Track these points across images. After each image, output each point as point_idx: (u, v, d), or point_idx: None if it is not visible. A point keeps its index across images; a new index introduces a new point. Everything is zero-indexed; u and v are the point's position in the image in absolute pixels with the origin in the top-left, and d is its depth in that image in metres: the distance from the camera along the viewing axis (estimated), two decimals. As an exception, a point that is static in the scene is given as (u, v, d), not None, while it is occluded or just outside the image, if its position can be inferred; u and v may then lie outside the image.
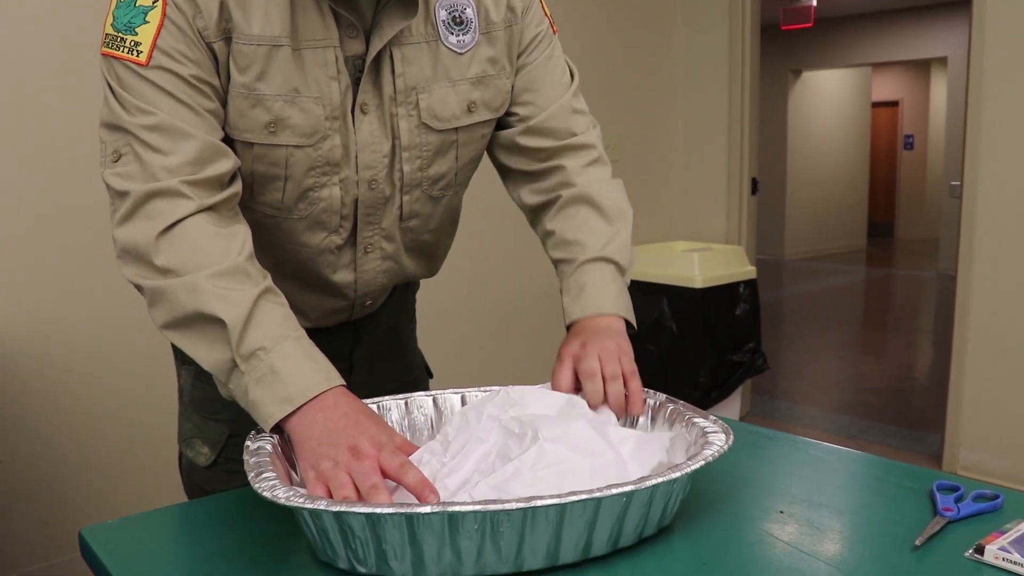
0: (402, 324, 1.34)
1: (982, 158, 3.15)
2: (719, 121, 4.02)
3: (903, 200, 11.76)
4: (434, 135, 1.06)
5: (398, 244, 1.12)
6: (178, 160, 0.91)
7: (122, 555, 0.85)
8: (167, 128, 0.91)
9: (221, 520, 0.93)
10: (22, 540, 2.41)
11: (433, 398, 1.05)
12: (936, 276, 8.44)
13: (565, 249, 1.12)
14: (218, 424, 1.15)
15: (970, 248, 3.23)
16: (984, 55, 3.11)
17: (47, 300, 2.39)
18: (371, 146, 1.02)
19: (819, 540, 0.84)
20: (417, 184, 1.08)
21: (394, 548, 0.73)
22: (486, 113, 1.09)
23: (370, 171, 1.03)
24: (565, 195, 1.14)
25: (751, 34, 3.93)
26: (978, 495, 0.92)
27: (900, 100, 11.63)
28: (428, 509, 0.71)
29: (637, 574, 0.78)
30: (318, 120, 0.98)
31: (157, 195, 0.90)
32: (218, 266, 0.89)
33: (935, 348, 5.73)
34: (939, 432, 3.49)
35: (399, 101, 1.02)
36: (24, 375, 2.37)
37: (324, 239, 1.06)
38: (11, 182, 2.31)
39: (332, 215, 1.04)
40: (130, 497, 2.54)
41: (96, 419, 2.50)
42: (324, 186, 1.02)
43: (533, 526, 0.74)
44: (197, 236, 0.90)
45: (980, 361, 3.24)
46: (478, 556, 0.74)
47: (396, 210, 1.08)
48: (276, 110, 0.96)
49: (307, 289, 1.11)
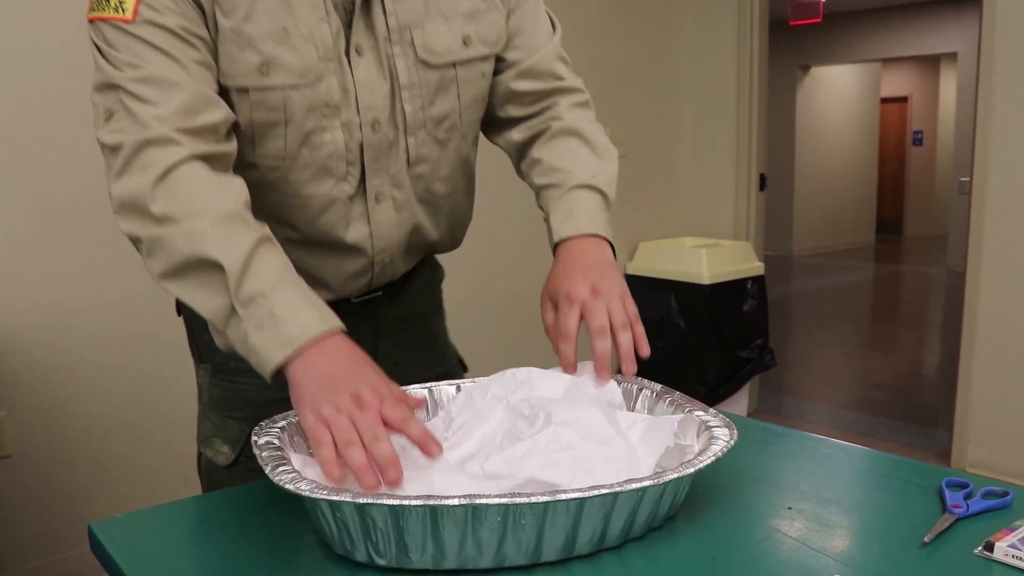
0: (429, 313, 1.31)
1: (992, 154, 3.14)
2: (727, 117, 4.01)
3: (912, 196, 11.71)
4: (432, 72, 1.05)
5: (409, 192, 1.10)
6: (168, 109, 0.91)
7: (131, 549, 0.85)
8: (156, 79, 0.91)
9: (231, 514, 0.94)
10: (32, 534, 2.43)
11: (430, 388, 1.05)
12: (945, 272, 8.41)
13: (552, 175, 1.13)
14: (237, 423, 1.13)
15: (979, 244, 3.21)
16: (995, 50, 3.09)
17: (58, 296, 2.40)
18: (369, 86, 1.02)
19: (828, 536, 0.84)
20: (421, 125, 1.07)
21: (416, 540, 0.74)
22: (483, 48, 1.09)
23: (371, 112, 1.03)
24: (554, 127, 1.15)
25: (759, 30, 3.91)
26: (988, 492, 0.91)
27: (909, 96, 11.58)
28: (455, 501, 0.71)
29: (648, 570, 0.78)
30: (311, 60, 0.97)
31: (150, 144, 0.90)
32: (216, 212, 0.89)
33: (943, 344, 5.71)
34: (947, 429, 3.48)
35: (393, 40, 1.02)
36: (34, 370, 2.38)
37: (332, 187, 1.04)
38: (26, 174, 2.32)
39: (338, 160, 1.03)
40: (139, 492, 2.55)
41: (106, 414, 2.51)
42: (326, 130, 1.01)
43: (553, 519, 0.74)
44: (193, 182, 0.90)
45: (989, 358, 3.23)
46: (498, 548, 0.75)
47: (403, 154, 1.07)
48: (267, 51, 0.95)
49: (323, 252, 1.09)
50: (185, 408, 2.61)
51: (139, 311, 2.49)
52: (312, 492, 0.73)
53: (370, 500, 0.72)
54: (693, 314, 3.63)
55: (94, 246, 2.43)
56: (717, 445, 0.84)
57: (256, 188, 1.00)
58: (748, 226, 4.04)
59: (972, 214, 3.23)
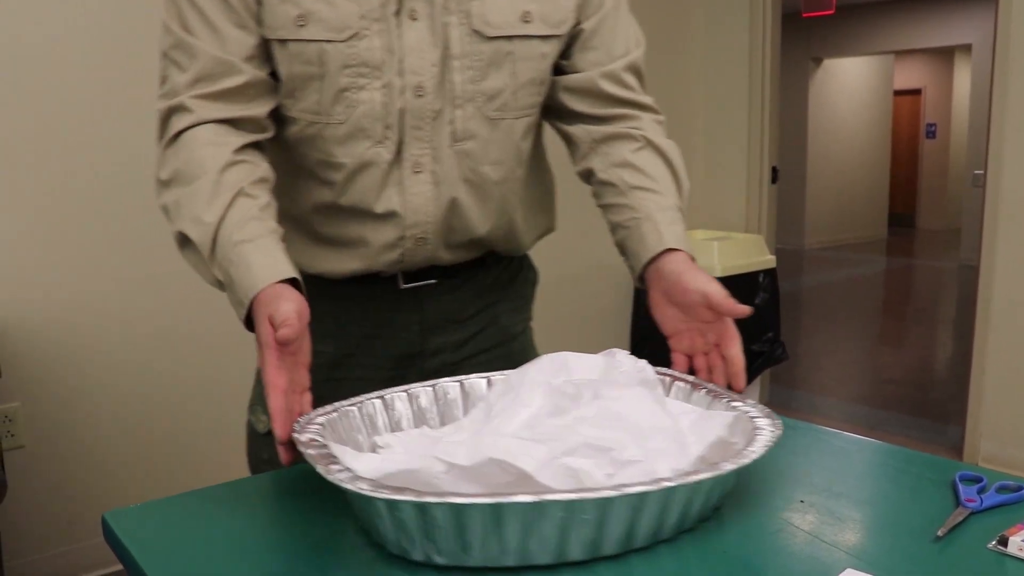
0: (508, 321, 1.25)
1: (1006, 147, 3.12)
2: (739, 109, 4.00)
3: (924, 189, 11.65)
4: (486, 44, 1.03)
5: (451, 169, 1.06)
6: (189, 76, 0.97)
7: (145, 539, 0.86)
8: (184, 45, 0.97)
9: (245, 504, 0.94)
10: (46, 523, 2.44)
11: (460, 383, 1.02)
12: (957, 267, 8.37)
13: (647, 182, 1.10)
14: None
15: (993, 238, 3.19)
16: (1010, 42, 3.07)
17: (71, 289, 2.41)
18: (417, 51, 1.00)
19: (840, 530, 0.84)
20: (470, 98, 1.04)
21: (476, 537, 0.72)
22: (543, 27, 1.06)
23: (417, 77, 1.01)
24: (645, 140, 1.13)
25: (772, 22, 3.90)
26: (1001, 486, 0.91)
27: (923, 88, 11.52)
28: (520, 499, 0.69)
29: (662, 562, 0.78)
30: (349, 16, 0.98)
31: (172, 111, 0.98)
32: (202, 177, 0.95)
33: (956, 339, 5.69)
34: (960, 423, 3.46)
35: (451, 9, 1.01)
36: (48, 362, 2.40)
37: (367, 149, 1.03)
38: (39, 168, 2.33)
39: (374, 122, 1.02)
40: (153, 482, 2.57)
41: (119, 405, 2.52)
42: (363, 88, 1.00)
43: (617, 512, 0.73)
44: (191, 146, 0.97)
45: (1002, 352, 3.21)
46: (559, 543, 0.73)
47: (447, 126, 1.04)
48: (305, 4, 0.97)
49: (353, 218, 1.08)
50: (197, 401, 2.63)
51: (152, 305, 2.50)
52: (375, 492, 0.71)
53: (433, 500, 0.70)
54: (704, 307, 3.62)
55: (107, 240, 2.44)
56: (763, 436, 0.83)
57: (296, 144, 1.05)
58: (760, 219, 4.03)
59: (986, 207, 3.21)
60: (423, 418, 0.98)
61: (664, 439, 0.82)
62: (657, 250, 1.05)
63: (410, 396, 1.00)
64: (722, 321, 1.01)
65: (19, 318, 2.34)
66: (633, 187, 1.10)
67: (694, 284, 1.00)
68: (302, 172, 1.06)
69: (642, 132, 1.14)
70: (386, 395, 0.96)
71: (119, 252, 2.45)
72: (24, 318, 2.35)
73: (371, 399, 0.95)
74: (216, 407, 2.64)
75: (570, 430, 0.79)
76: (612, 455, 0.78)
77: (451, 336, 1.19)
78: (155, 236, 2.49)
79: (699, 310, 1.01)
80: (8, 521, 2.31)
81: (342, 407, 0.91)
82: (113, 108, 2.42)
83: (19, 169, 2.31)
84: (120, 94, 2.43)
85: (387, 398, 0.96)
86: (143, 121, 2.48)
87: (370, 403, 0.94)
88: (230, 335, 2.62)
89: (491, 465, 0.75)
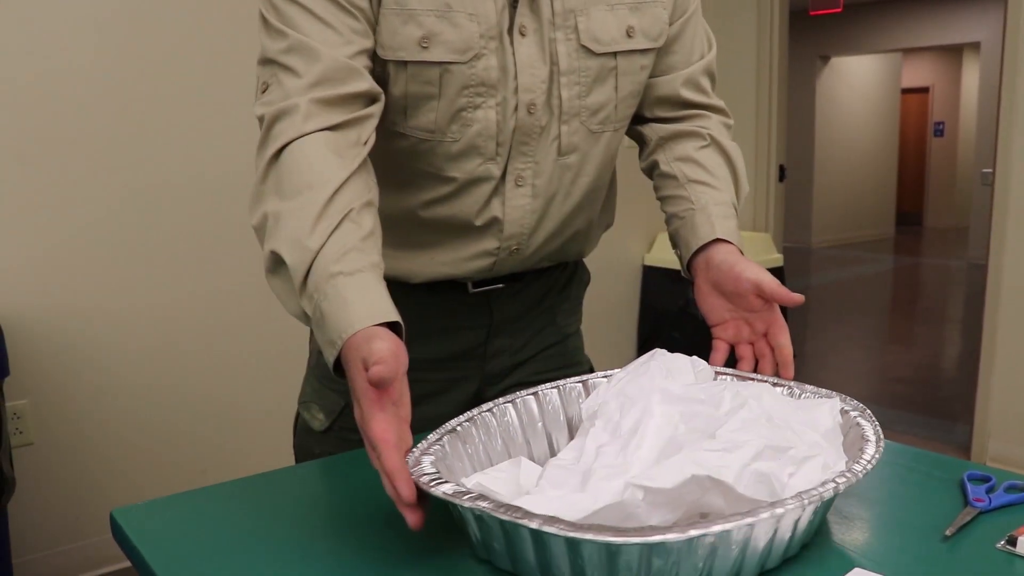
0: (559, 314, 1.26)
1: (1015, 145, 3.10)
2: (747, 107, 3.99)
3: (932, 188, 11.61)
4: (593, 59, 1.03)
5: (551, 181, 1.07)
6: (308, 80, 0.90)
7: (152, 536, 0.86)
8: (301, 48, 0.91)
9: (253, 502, 0.94)
10: (55, 520, 2.45)
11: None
12: (966, 265, 8.34)
13: (708, 177, 1.11)
14: (335, 394, 1.14)
15: (1001, 237, 3.18)
16: (1019, 40, 3.05)
17: (79, 288, 2.42)
18: (529, 69, 1.00)
19: (848, 529, 0.84)
20: (576, 113, 1.05)
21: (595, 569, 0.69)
22: (644, 41, 1.06)
23: (529, 95, 1.01)
24: (712, 139, 1.14)
25: (780, 19, 3.89)
26: (1010, 486, 0.90)
27: (931, 86, 11.47)
28: (664, 537, 0.65)
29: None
30: (472, 36, 0.96)
31: (282, 114, 0.90)
32: (310, 194, 0.86)
33: (964, 338, 5.67)
34: (968, 423, 3.45)
35: (557, 24, 1.00)
36: (57, 359, 2.41)
37: (478, 166, 1.03)
38: (44, 166, 2.33)
39: (487, 140, 1.01)
40: (161, 480, 2.57)
41: (128, 403, 2.53)
42: (478, 107, 1.00)
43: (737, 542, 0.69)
44: (304, 155, 0.88)
45: (1010, 351, 3.20)
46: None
47: (553, 141, 1.05)
48: (428, 25, 0.95)
49: (450, 230, 1.08)
50: (206, 398, 2.64)
51: (161, 302, 2.50)
52: (517, 519, 0.66)
53: (606, 537, 0.65)
54: (711, 306, 3.61)
55: (116, 238, 2.45)
56: (871, 437, 0.81)
57: (405, 157, 1.02)
58: (767, 217, 4.02)
59: (995, 206, 3.20)
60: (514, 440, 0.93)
61: (814, 435, 0.80)
62: (708, 239, 1.07)
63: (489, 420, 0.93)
64: (772, 311, 1.02)
65: (28, 316, 2.35)
66: (692, 180, 1.12)
67: (747, 273, 1.01)
68: (404, 182, 1.04)
69: (708, 131, 1.15)
70: (459, 426, 0.88)
71: (128, 250, 2.46)
72: (33, 316, 2.36)
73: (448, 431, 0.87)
74: (225, 404, 2.65)
75: (745, 433, 0.76)
76: (791, 454, 0.76)
77: (514, 338, 1.21)
78: (164, 233, 2.49)
79: (749, 299, 1.02)
80: (17, 518, 2.32)
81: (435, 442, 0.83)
82: (117, 107, 2.43)
83: (27, 168, 2.31)
84: (123, 93, 2.44)
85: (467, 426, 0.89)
86: (148, 121, 2.50)
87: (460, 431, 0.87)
88: (239, 333, 2.63)
89: (691, 483, 0.71)
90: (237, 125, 2.47)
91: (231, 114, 2.56)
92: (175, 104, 2.52)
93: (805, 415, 0.84)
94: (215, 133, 2.58)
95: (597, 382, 1.00)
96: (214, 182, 2.58)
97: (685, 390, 0.85)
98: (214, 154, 2.58)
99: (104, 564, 2.52)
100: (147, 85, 2.46)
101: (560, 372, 1.21)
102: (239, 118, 2.38)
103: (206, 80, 2.56)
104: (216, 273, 2.57)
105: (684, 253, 1.10)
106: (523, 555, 0.72)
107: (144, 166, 2.48)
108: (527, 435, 0.95)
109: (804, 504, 0.69)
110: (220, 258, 2.58)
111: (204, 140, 2.57)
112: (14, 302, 2.33)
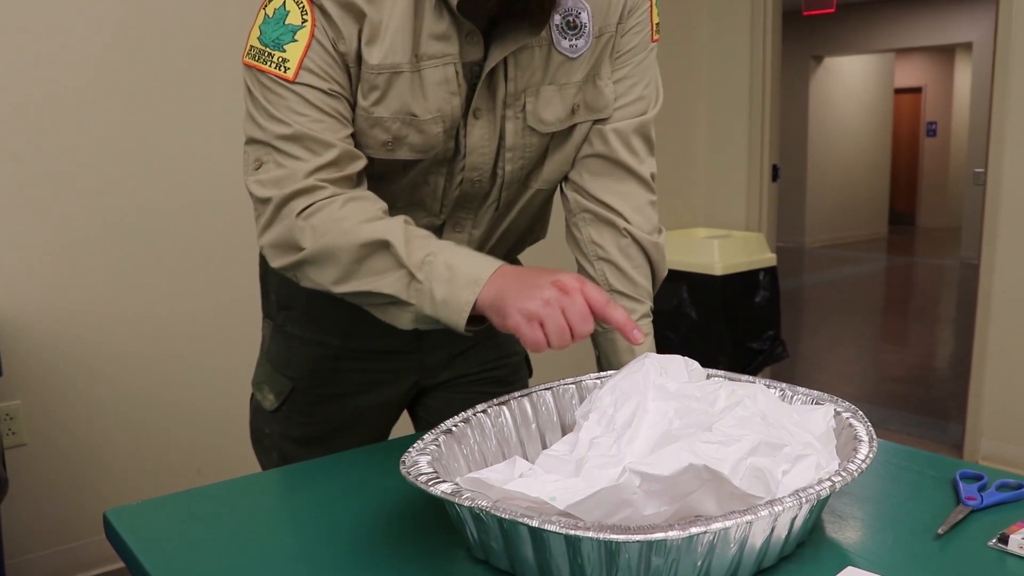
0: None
1: (1007, 145, 3.11)
2: (740, 107, 3.99)
3: (925, 188, 11.64)
4: (537, 137, 1.08)
5: (488, 229, 1.15)
6: (317, 163, 0.96)
7: (146, 536, 0.86)
8: (304, 137, 0.96)
9: (246, 502, 0.94)
10: (48, 521, 2.45)
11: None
12: (958, 265, 8.36)
13: (633, 288, 1.16)
14: (284, 378, 1.24)
15: (993, 236, 3.19)
16: (1011, 40, 3.06)
17: (72, 288, 2.41)
18: (479, 149, 1.06)
19: (841, 527, 0.84)
20: (516, 179, 1.11)
21: (594, 567, 0.69)
22: (587, 114, 1.10)
23: (475, 172, 1.07)
24: (634, 240, 1.14)
25: (773, 20, 3.89)
26: (1002, 484, 0.91)
27: (923, 86, 11.50)
28: (665, 535, 0.65)
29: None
30: (435, 137, 1.02)
31: (296, 195, 0.96)
32: (361, 216, 0.95)
33: (956, 337, 5.68)
34: (960, 421, 3.46)
35: (508, 103, 1.04)
36: (50, 360, 2.40)
37: (423, 218, 1.10)
38: (39, 171, 2.33)
39: (434, 201, 1.09)
40: (154, 480, 2.57)
41: (121, 403, 2.52)
42: (430, 174, 1.07)
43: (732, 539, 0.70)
44: (333, 207, 0.95)
45: (1002, 350, 3.21)
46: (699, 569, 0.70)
47: (492, 203, 1.12)
48: (394, 130, 1.01)
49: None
50: (199, 399, 2.63)
51: (153, 303, 2.49)
52: (515, 517, 0.67)
53: (588, 533, 0.65)
54: (705, 305, 3.62)
55: (109, 239, 2.44)
56: (864, 438, 0.82)
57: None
58: (760, 217, 4.03)
59: (986, 205, 3.21)
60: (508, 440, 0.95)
61: (807, 434, 0.81)
62: (627, 361, 1.07)
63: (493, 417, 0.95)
64: None
65: (20, 316, 2.34)
66: (615, 291, 1.15)
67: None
68: None
69: (627, 226, 1.14)
70: (454, 427, 0.90)
71: (122, 252, 2.45)
72: (25, 316, 2.35)
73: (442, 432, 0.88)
74: (217, 405, 2.65)
75: (741, 429, 0.77)
76: (785, 452, 0.77)
77: (450, 332, 1.23)
78: (158, 236, 2.49)
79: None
80: (9, 518, 2.31)
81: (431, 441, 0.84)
82: (116, 109, 2.42)
83: (21, 169, 2.31)
84: (122, 95, 2.43)
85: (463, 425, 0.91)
86: (147, 121, 2.49)
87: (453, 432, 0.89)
88: (232, 334, 2.63)
89: (687, 472, 0.72)
90: (235, 132, 2.46)
91: (229, 120, 2.55)
92: (171, 110, 2.51)
93: (799, 417, 0.84)
94: (212, 139, 2.57)
95: (590, 384, 1.01)
96: (210, 187, 2.57)
97: (680, 387, 0.85)
98: (212, 159, 2.58)
99: (98, 565, 2.51)
100: (144, 91, 2.46)
101: (498, 362, 1.31)
102: (238, 125, 2.37)
103: (206, 86, 2.55)
104: (210, 275, 2.57)
105: (602, 360, 1.17)
106: (521, 554, 0.72)
107: (140, 169, 2.47)
108: (521, 436, 0.96)
109: (801, 502, 0.70)
110: (214, 261, 2.57)
111: (202, 146, 2.56)
112: (7, 303, 2.32)
